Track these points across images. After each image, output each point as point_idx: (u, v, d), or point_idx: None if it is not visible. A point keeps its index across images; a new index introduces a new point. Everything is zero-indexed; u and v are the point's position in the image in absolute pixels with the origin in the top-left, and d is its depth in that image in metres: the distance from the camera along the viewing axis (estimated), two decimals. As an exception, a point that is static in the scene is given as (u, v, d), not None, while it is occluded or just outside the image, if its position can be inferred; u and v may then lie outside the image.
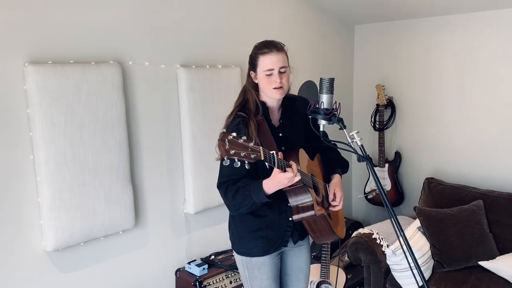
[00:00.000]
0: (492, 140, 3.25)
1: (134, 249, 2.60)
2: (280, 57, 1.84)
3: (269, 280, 1.98)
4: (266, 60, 1.84)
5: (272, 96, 1.88)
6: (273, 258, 1.99)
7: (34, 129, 2.09)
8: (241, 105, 1.92)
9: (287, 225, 1.93)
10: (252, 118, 1.85)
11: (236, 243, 2.01)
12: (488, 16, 3.15)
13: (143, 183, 2.60)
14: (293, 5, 3.40)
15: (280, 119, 1.96)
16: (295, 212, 1.84)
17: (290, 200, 1.83)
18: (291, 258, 2.08)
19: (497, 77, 3.17)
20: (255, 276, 1.97)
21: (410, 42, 3.61)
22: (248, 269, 1.99)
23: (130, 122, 2.49)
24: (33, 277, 2.20)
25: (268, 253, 1.95)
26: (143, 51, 2.52)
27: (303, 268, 2.11)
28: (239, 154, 1.47)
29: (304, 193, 1.81)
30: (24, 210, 2.14)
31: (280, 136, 1.93)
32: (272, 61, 1.83)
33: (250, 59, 1.91)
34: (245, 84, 1.97)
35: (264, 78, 1.85)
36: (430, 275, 2.75)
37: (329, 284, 2.91)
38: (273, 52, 1.83)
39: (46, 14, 2.13)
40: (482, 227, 2.85)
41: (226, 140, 1.46)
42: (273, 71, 1.83)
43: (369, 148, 3.87)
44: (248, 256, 1.97)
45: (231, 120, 1.87)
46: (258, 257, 1.95)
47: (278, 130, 1.94)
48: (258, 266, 1.96)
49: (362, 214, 4.13)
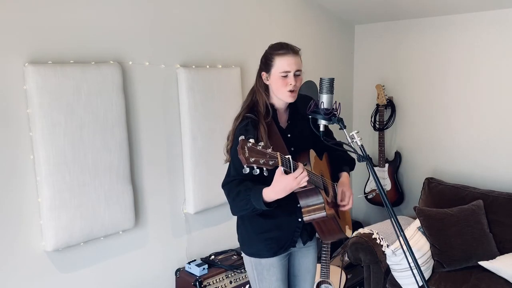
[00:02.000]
0: (492, 140, 3.25)
1: (134, 249, 2.60)
2: (297, 60, 1.82)
3: (278, 281, 1.97)
4: (283, 62, 1.80)
5: (284, 99, 1.85)
6: (282, 259, 1.98)
7: (34, 129, 2.09)
8: (249, 107, 1.88)
9: (297, 226, 1.92)
10: (262, 121, 1.81)
11: (245, 244, 2.00)
12: (488, 16, 3.15)
13: (143, 183, 2.60)
14: (293, 5, 3.40)
15: (288, 120, 1.95)
16: (306, 213, 1.83)
17: (301, 202, 1.83)
18: (299, 259, 2.07)
19: (497, 77, 3.17)
20: (264, 278, 1.96)
21: (410, 42, 3.61)
22: (257, 270, 1.97)
23: (130, 122, 2.49)
24: (33, 277, 2.20)
25: (278, 254, 1.94)
26: (143, 51, 2.52)
27: (310, 269, 2.11)
28: (258, 162, 1.46)
29: (315, 194, 1.80)
30: (24, 210, 2.14)
31: (289, 137, 1.91)
32: (289, 63, 1.80)
33: (264, 59, 1.86)
34: (254, 85, 1.92)
35: (278, 80, 1.81)
36: (430, 275, 2.75)
37: (329, 284, 2.91)
38: (290, 54, 1.80)
39: (46, 14, 2.13)
40: (482, 227, 2.85)
41: (245, 147, 1.45)
42: (289, 73, 1.80)
43: (369, 148, 3.87)
44: (257, 257, 1.95)
45: (239, 122, 1.84)
46: (267, 258, 1.93)
47: (286, 131, 1.92)
48: (267, 268, 1.94)
49: (362, 214, 4.13)
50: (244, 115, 1.84)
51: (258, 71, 1.90)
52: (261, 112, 1.84)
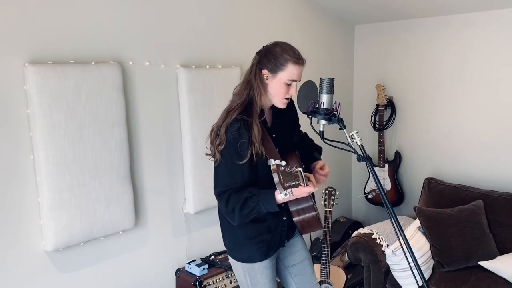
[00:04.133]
0: (492, 140, 3.25)
1: (134, 249, 2.60)
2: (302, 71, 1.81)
3: (271, 282, 1.97)
4: (295, 71, 1.75)
5: (278, 105, 1.83)
6: (272, 260, 1.99)
7: (34, 129, 2.09)
8: (244, 104, 1.77)
9: (283, 225, 1.93)
10: (256, 121, 1.73)
11: (236, 250, 1.95)
12: (488, 16, 3.15)
13: (143, 183, 2.60)
14: (293, 5, 3.40)
15: (273, 119, 1.92)
16: (296, 215, 1.86)
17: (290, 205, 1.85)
18: (288, 250, 2.05)
19: (497, 77, 3.17)
20: (258, 282, 1.93)
21: (410, 42, 3.61)
22: (250, 275, 1.94)
23: (130, 122, 2.49)
24: (33, 277, 2.20)
25: (269, 256, 1.94)
26: (143, 51, 2.52)
27: (304, 254, 2.08)
28: (289, 186, 1.51)
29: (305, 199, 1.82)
30: (24, 210, 2.14)
31: (274, 137, 1.87)
32: (299, 74, 1.78)
33: (274, 59, 1.75)
34: (250, 79, 1.78)
35: (282, 86, 1.76)
36: (430, 275, 2.75)
37: (329, 284, 2.91)
38: (302, 64, 1.78)
39: (46, 14, 2.13)
40: (482, 227, 2.85)
41: (279, 172, 1.47)
42: (294, 83, 1.78)
43: (369, 148, 3.87)
44: (250, 262, 1.92)
45: (230, 123, 1.73)
46: (260, 262, 1.92)
47: (271, 131, 1.89)
48: (260, 271, 1.93)
49: (362, 214, 4.13)
50: (235, 117, 1.72)
51: (258, 66, 1.78)
52: (257, 111, 1.77)
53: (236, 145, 1.71)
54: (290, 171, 1.57)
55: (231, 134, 1.71)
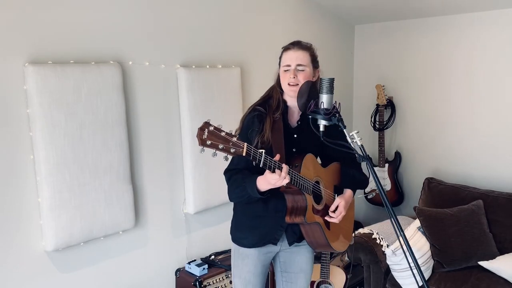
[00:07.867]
0: (492, 140, 3.25)
1: (134, 249, 2.60)
2: (299, 55, 1.87)
3: (249, 273, 2.01)
4: (285, 56, 1.90)
5: (286, 92, 1.92)
6: (260, 255, 2.00)
7: (34, 129, 2.09)
8: (264, 99, 1.97)
9: (281, 224, 1.93)
10: (270, 114, 1.88)
11: (232, 229, 2.08)
12: (488, 16, 3.15)
13: (143, 183, 2.60)
14: (293, 5, 3.40)
15: (299, 121, 1.97)
16: (288, 214, 1.86)
17: (287, 202, 1.86)
18: (290, 255, 2.07)
19: (497, 77, 3.17)
20: (238, 265, 2.04)
21: (410, 42, 3.61)
22: (234, 256, 2.06)
23: (130, 122, 2.49)
24: (33, 277, 2.20)
25: (255, 246, 1.97)
26: (143, 51, 2.52)
27: (303, 267, 2.09)
28: (216, 146, 1.52)
29: (300, 197, 1.82)
30: (24, 210, 2.14)
31: (295, 138, 1.93)
32: (291, 57, 1.87)
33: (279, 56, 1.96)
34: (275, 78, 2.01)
35: (282, 74, 1.90)
36: (430, 275, 2.75)
37: (329, 284, 2.91)
38: (294, 49, 1.89)
39: (46, 14, 2.13)
40: (482, 227, 2.85)
41: (205, 130, 1.51)
42: (290, 68, 1.87)
43: (369, 148, 3.87)
44: (237, 244, 2.03)
45: (248, 112, 1.93)
46: (244, 248, 1.99)
47: (293, 131, 1.94)
48: (242, 257, 2.01)
49: (362, 214, 4.13)
50: (254, 107, 1.93)
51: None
52: (272, 106, 1.91)
53: (247, 131, 1.88)
54: (228, 138, 1.55)
55: (246, 122, 1.91)
